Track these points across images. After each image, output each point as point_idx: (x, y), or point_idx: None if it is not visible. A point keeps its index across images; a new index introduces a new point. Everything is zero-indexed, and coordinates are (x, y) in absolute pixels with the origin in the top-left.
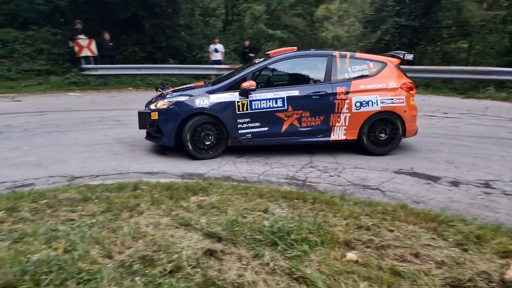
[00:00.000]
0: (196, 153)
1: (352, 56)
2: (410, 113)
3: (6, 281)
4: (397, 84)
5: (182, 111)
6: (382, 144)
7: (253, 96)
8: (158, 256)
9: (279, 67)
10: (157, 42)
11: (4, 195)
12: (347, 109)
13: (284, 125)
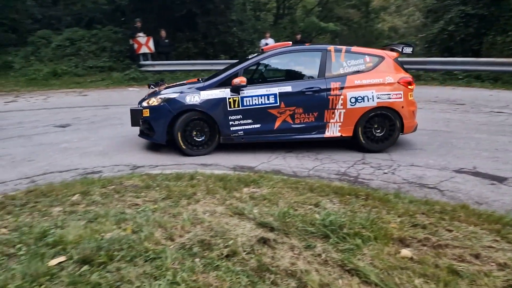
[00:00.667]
0: (188, 149)
1: (348, 50)
2: (408, 109)
3: (85, 255)
4: (394, 79)
5: (172, 108)
6: (379, 141)
7: (245, 92)
8: (215, 241)
9: (272, 63)
10: (210, 38)
11: (78, 181)
12: (342, 105)
13: (277, 122)
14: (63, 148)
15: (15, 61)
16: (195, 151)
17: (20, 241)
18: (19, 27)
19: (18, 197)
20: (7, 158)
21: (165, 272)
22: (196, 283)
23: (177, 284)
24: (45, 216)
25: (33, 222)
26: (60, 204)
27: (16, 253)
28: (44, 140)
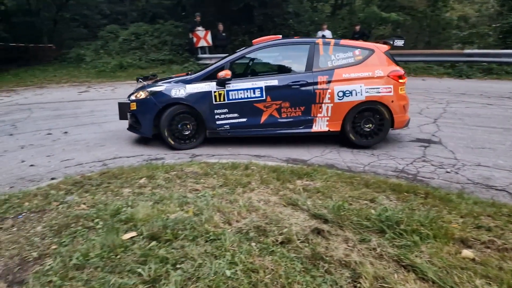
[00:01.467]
0: (174, 143)
1: (337, 43)
2: (398, 103)
3: (153, 232)
4: (384, 72)
5: (158, 101)
6: (368, 136)
7: (230, 86)
8: (270, 228)
9: (259, 56)
10: (265, 30)
11: (144, 166)
12: (329, 99)
13: (263, 116)
14: (129, 136)
15: (86, 54)
16: (181, 145)
17: (97, 216)
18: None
19: (93, 178)
20: (83, 143)
21: (224, 253)
22: (253, 265)
23: (235, 264)
24: (117, 196)
25: (107, 200)
26: (130, 186)
27: (94, 226)
28: (112, 127)
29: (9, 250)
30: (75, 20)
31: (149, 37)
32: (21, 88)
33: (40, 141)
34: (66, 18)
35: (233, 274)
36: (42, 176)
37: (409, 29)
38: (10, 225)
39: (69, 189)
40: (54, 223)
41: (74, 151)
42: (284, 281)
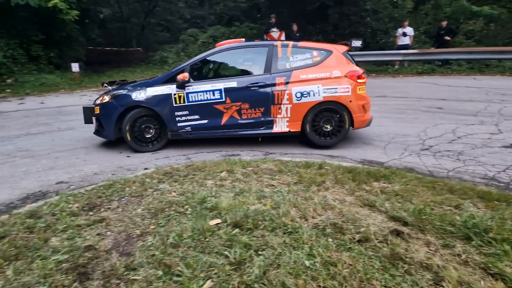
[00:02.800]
0: (136, 145)
1: (295, 45)
2: (357, 103)
3: (236, 220)
4: (342, 73)
5: (119, 104)
6: (328, 136)
7: (190, 88)
8: (346, 226)
9: (220, 59)
10: (341, 29)
11: (224, 161)
12: (288, 100)
13: (224, 117)
14: None
15: (169, 56)
16: (144, 147)
17: (186, 203)
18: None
19: (180, 170)
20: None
21: (302, 245)
22: (330, 258)
23: (313, 256)
24: (202, 186)
25: (194, 190)
26: (212, 178)
27: (184, 212)
28: None
29: (117, 227)
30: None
31: (226, 39)
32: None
33: None
34: (152, 24)
35: (312, 265)
36: (137, 166)
37: (505, 24)
38: (116, 206)
39: (161, 178)
40: (151, 207)
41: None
42: (363, 276)
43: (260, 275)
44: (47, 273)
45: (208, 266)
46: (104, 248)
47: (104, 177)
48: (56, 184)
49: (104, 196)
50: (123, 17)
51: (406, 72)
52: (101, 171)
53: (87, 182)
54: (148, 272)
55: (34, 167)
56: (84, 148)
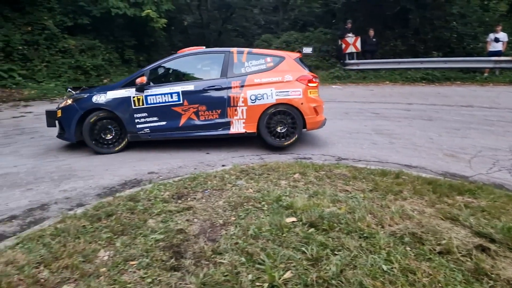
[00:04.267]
0: (97, 147)
1: (250, 52)
2: (308, 105)
3: (312, 220)
4: (293, 77)
5: (80, 107)
6: (282, 137)
7: (149, 91)
8: (426, 236)
9: (179, 64)
10: (422, 34)
11: (296, 163)
12: (243, 103)
13: (182, 119)
14: None
15: None
16: (105, 149)
17: (263, 200)
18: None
19: (256, 168)
20: (243, 138)
21: (379, 250)
22: (409, 266)
23: (391, 262)
24: (276, 186)
25: (269, 188)
26: (286, 178)
27: (261, 208)
28: None
29: (202, 215)
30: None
31: (298, 44)
32: None
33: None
34: (229, 30)
35: (390, 270)
36: (215, 163)
37: None
38: (200, 197)
39: (238, 175)
40: (231, 200)
41: (237, 145)
42: (444, 286)
43: (337, 273)
44: (148, 248)
45: (287, 259)
46: (192, 233)
47: (188, 170)
48: (148, 174)
49: (190, 187)
50: (203, 24)
51: (497, 80)
52: (185, 165)
53: (173, 174)
54: (233, 257)
55: (128, 158)
56: (169, 143)
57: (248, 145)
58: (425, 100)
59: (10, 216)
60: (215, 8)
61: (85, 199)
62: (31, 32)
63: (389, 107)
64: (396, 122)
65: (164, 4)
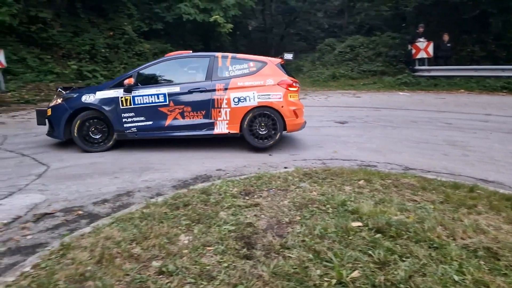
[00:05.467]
0: (85, 146)
1: (234, 57)
2: (288, 108)
3: (378, 226)
4: (274, 81)
5: (69, 106)
6: (263, 138)
7: (136, 92)
8: (502, 252)
9: (166, 67)
10: (505, 40)
11: (361, 170)
12: (227, 104)
13: (168, 119)
14: (343, 141)
15: (304, 65)
16: (92, 147)
17: (327, 203)
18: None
19: (319, 172)
20: (304, 142)
21: (450, 261)
22: (482, 279)
23: (463, 273)
24: (340, 191)
25: (333, 192)
26: (350, 184)
27: (326, 210)
28: (327, 132)
29: (268, 212)
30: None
31: (364, 49)
32: None
33: None
34: (291, 34)
35: (461, 281)
36: (277, 164)
37: None
38: (266, 195)
39: (301, 178)
40: (295, 201)
41: (298, 149)
42: None
43: (406, 278)
44: (222, 237)
45: (354, 260)
46: (261, 227)
47: (251, 170)
48: (216, 171)
49: (255, 186)
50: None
51: None
52: (249, 164)
53: (239, 172)
54: (300, 253)
55: (198, 155)
56: (233, 143)
57: (310, 150)
58: (505, 111)
59: (103, 199)
60: (279, 13)
61: (163, 189)
62: (112, 37)
63: (464, 117)
64: (471, 134)
65: (231, 10)
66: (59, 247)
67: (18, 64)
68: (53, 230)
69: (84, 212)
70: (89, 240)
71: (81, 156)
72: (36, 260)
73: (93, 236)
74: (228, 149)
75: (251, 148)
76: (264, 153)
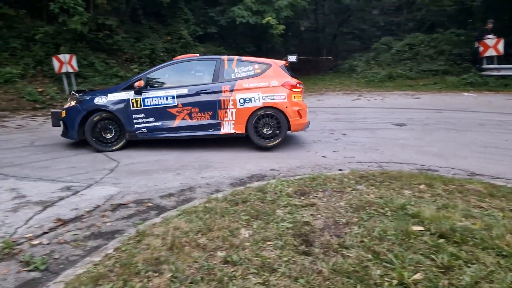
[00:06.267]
0: (98, 146)
1: (239, 59)
2: (292, 109)
3: (442, 231)
4: (279, 83)
5: (82, 108)
6: (268, 138)
7: (146, 94)
8: None
9: (174, 70)
10: None
11: (421, 174)
12: (233, 105)
13: (176, 120)
14: (401, 144)
15: (358, 65)
16: (104, 147)
17: (386, 206)
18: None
19: (376, 175)
20: (359, 145)
21: None
22: None
23: None
24: (399, 194)
25: (391, 196)
26: (410, 188)
27: (384, 213)
28: (384, 134)
29: (325, 212)
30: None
31: (424, 47)
32: (306, 94)
33: (326, 138)
34: (344, 33)
35: None
36: (332, 166)
37: None
38: (321, 196)
39: (357, 180)
40: (352, 203)
41: (353, 151)
42: None
43: (471, 283)
44: (280, 233)
45: (416, 262)
46: (317, 226)
47: (305, 171)
48: (270, 170)
49: (310, 186)
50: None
51: None
52: (302, 165)
53: (293, 173)
54: (359, 253)
55: (252, 155)
56: (286, 144)
57: (365, 152)
58: None
59: (168, 193)
60: (331, 12)
61: (221, 186)
62: (170, 41)
63: None
64: None
65: (283, 11)
66: (135, 234)
67: (87, 68)
68: (127, 219)
69: (153, 204)
70: (160, 229)
71: (147, 153)
72: (117, 244)
73: (163, 226)
74: (282, 150)
75: (305, 150)
76: (317, 154)
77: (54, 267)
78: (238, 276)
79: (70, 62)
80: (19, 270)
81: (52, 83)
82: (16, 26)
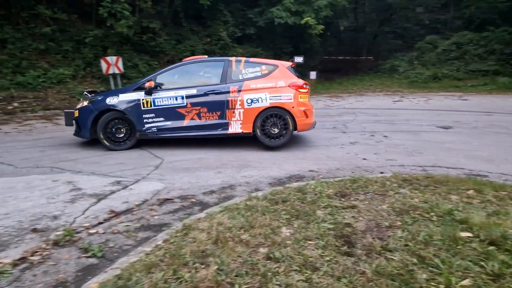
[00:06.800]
0: (110, 144)
1: (247, 60)
2: (298, 109)
3: (492, 239)
4: (285, 83)
5: (94, 108)
6: (275, 137)
7: (156, 94)
8: None
9: (183, 71)
10: None
11: (470, 179)
12: (240, 105)
13: (186, 119)
14: (447, 148)
15: (400, 65)
16: (117, 146)
17: (431, 210)
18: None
19: (420, 179)
20: (402, 147)
21: None
22: None
23: None
24: (445, 199)
25: (437, 201)
26: (457, 194)
27: (430, 218)
28: (429, 137)
29: (366, 215)
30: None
31: (473, 46)
32: (345, 94)
33: (366, 140)
34: (385, 32)
35: None
36: (373, 169)
37: None
38: (363, 199)
39: (400, 184)
40: (395, 206)
41: (395, 153)
42: None
43: None
44: (322, 233)
45: (464, 269)
46: (359, 228)
47: (345, 173)
48: (309, 171)
49: (351, 189)
50: (358, 27)
51: None
52: (342, 167)
53: (332, 175)
54: (404, 256)
55: (291, 155)
56: (325, 146)
57: (408, 155)
58: None
59: (210, 190)
60: (372, 10)
61: (260, 186)
62: (209, 43)
63: None
64: None
65: (323, 11)
66: (182, 227)
67: (132, 70)
68: (173, 213)
69: (196, 200)
70: (205, 224)
71: (189, 152)
72: (165, 236)
73: (207, 221)
74: (321, 151)
75: (344, 152)
76: (357, 157)
77: (109, 255)
78: (281, 272)
79: (117, 63)
80: (79, 256)
81: (100, 84)
82: (68, 30)
